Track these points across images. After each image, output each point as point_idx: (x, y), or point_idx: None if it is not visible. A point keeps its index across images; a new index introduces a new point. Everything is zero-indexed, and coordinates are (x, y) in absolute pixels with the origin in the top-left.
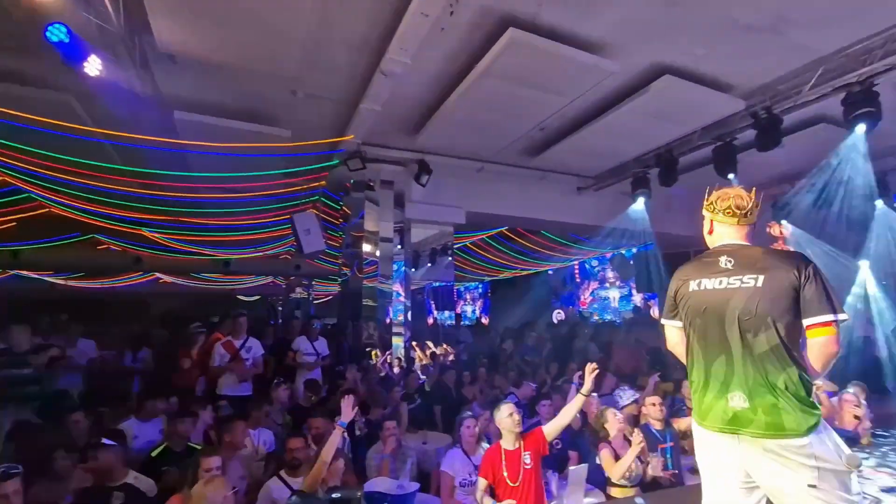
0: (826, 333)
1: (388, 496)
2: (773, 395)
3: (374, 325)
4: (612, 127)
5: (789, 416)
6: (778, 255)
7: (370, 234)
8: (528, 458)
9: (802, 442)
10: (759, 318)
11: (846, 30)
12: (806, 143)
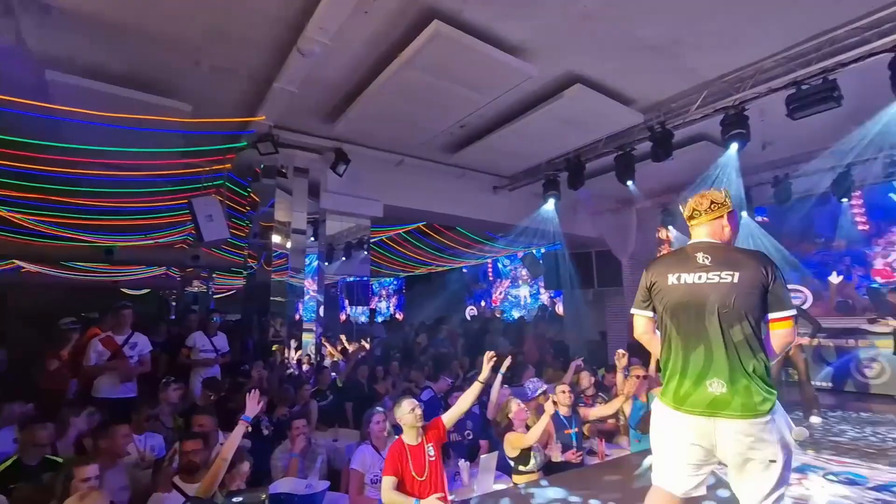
0: (787, 326)
1: (295, 496)
2: (747, 380)
3: (283, 321)
4: (527, 130)
5: (759, 397)
6: (746, 254)
7: (281, 225)
8: (431, 451)
9: (767, 419)
10: (735, 310)
11: (726, 58)
12: (691, 157)
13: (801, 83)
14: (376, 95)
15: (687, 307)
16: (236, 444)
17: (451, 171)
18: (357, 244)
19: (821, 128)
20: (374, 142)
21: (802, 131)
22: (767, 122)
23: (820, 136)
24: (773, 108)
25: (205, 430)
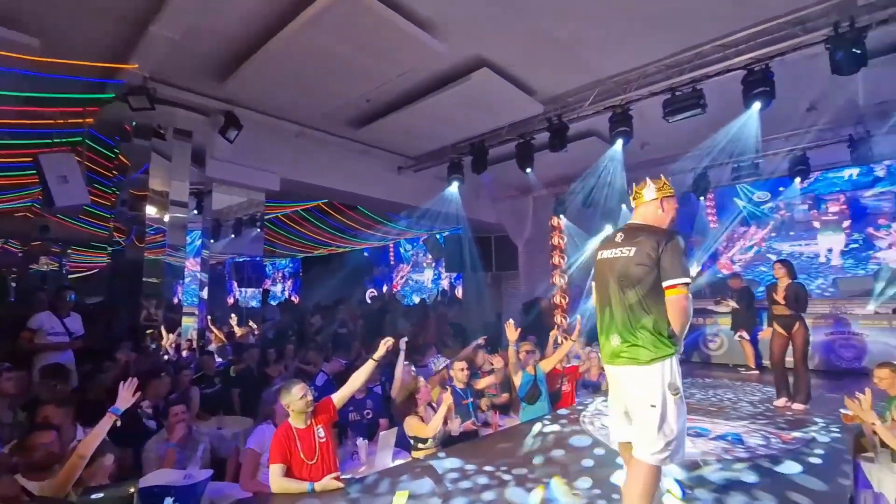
0: (676, 293)
1: (172, 489)
2: (634, 336)
3: (159, 304)
4: (434, 110)
5: (644, 350)
6: (649, 231)
7: (157, 195)
8: (321, 432)
9: (649, 368)
10: (629, 278)
11: (617, 60)
12: (582, 151)
13: (675, 90)
14: (274, 55)
15: (601, 277)
16: (98, 440)
17: (355, 147)
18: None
19: (687, 132)
20: (270, 108)
21: (673, 134)
22: (646, 123)
23: (686, 139)
24: (652, 111)
25: (51, 422)
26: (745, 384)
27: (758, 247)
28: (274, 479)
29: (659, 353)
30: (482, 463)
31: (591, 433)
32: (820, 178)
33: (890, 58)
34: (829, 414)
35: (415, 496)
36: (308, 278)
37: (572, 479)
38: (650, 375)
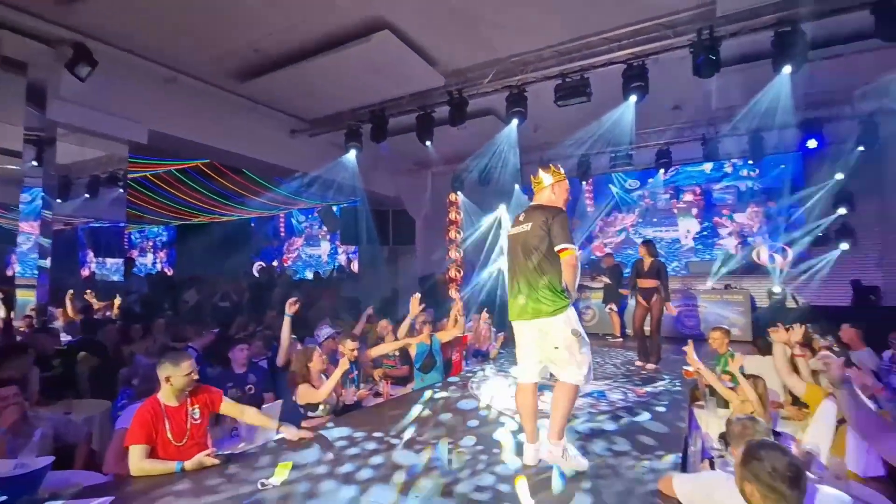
0: (566, 254)
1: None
2: (536, 294)
3: None
4: (331, 70)
5: (544, 304)
6: (542, 209)
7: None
8: (197, 413)
9: (551, 320)
10: (528, 247)
11: (517, 41)
12: (479, 129)
13: (566, 76)
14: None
15: (511, 250)
16: None
17: (241, 102)
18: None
19: (575, 119)
20: (136, 46)
21: (562, 120)
22: (539, 107)
23: (573, 126)
24: (545, 96)
25: None
26: (611, 350)
27: (626, 231)
28: (134, 461)
29: (557, 306)
30: (372, 430)
31: (479, 397)
32: (680, 170)
33: (738, 67)
34: (673, 372)
35: (300, 466)
36: (184, 249)
37: (458, 438)
38: (555, 324)
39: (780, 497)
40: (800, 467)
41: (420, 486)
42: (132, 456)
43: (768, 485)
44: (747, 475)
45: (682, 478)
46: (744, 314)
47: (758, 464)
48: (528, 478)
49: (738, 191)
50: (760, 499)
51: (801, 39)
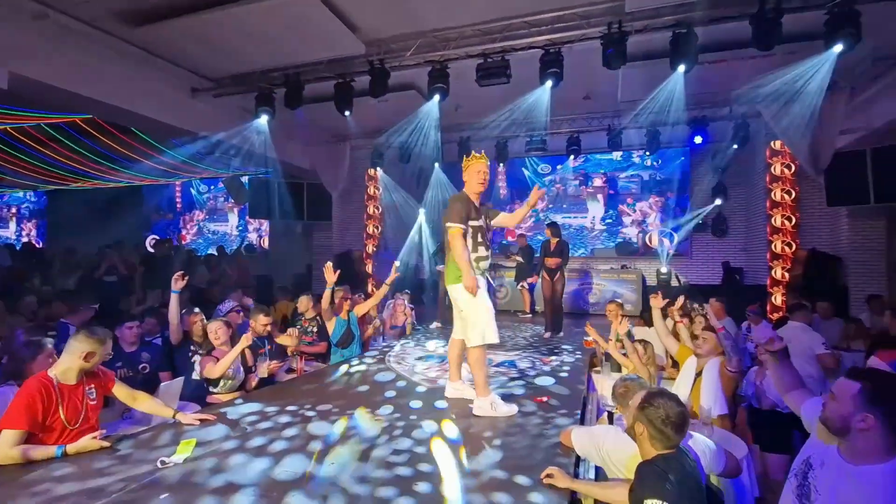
0: (448, 232)
1: None
2: (447, 264)
3: None
4: (242, 24)
5: (450, 274)
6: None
7: None
8: (93, 394)
9: (453, 287)
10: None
11: (441, 15)
12: (400, 104)
13: (488, 56)
14: None
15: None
16: None
17: (132, 51)
18: None
19: (494, 101)
20: None
21: (482, 100)
22: (461, 85)
23: (493, 108)
24: (466, 74)
25: None
26: (522, 324)
27: (538, 215)
28: (3, 447)
29: (455, 275)
30: (285, 404)
31: (396, 370)
32: (589, 158)
33: (642, 64)
34: (575, 342)
35: (205, 443)
36: (57, 219)
37: (375, 408)
38: (455, 291)
39: (666, 438)
40: (686, 416)
41: (336, 453)
42: (2, 441)
43: (658, 428)
44: (641, 418)
45: (579, 430)
46: (636, 291)
47: (653, 409)
48: (443, 439)
49: (642, 180)
50: (648, 439)
51: (693, 41)
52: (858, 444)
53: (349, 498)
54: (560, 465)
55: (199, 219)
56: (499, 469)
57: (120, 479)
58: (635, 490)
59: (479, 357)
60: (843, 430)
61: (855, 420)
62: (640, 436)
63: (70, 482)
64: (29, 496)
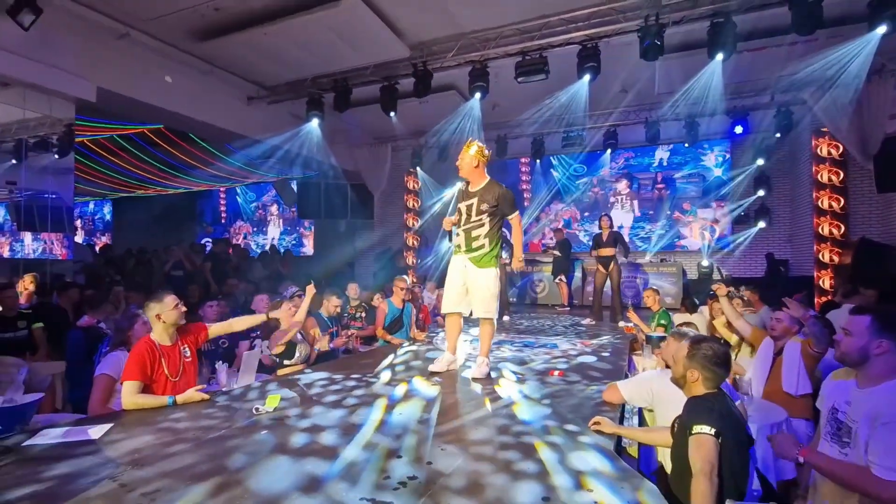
0: (515, 221)
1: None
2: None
3: None
4: (297, 34)
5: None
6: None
7: None
8: (187, 351)
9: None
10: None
11: (480, 17)
12: (441, 104)
13: (526, 54)
14: None
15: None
16: None
17: (197, 64)
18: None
19: (532, 98)
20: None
21: (520, 97)
22: (499, 84)
23: (530, 104)
24: (504, 73)
25: None
26: (560, 316)
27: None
28: (128, 396)
29: (488, 260)
30: (348, 373)
31: (444, 349)
32: (633, 160)
33: (679, 55)
34: (615, 330)
35: (287, 398)
36: (121, 224)
37: (429, 377)
38: (486, 275)
39: (716, 376)
40: (728, 354)
41: (402, 407)
42: (126, 390)
43: (709, 368)
44: (692, 362)
45: (624, 381)
46: (676, 284)
47: (701, 351)
48: (496, 399)
49: (704, 180)
50: (701, 381)
51: (731, 30)
52: (875, 369)
53: (420, 437)
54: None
55: (244, 231)
56: (549, 420)
57: (223, 421)
58: (682, 421)
59: (486, 329)
60: (861, 360)
61: (872, 347)
62: (690, 382)
63: (185, 422)
64: (157, 431)
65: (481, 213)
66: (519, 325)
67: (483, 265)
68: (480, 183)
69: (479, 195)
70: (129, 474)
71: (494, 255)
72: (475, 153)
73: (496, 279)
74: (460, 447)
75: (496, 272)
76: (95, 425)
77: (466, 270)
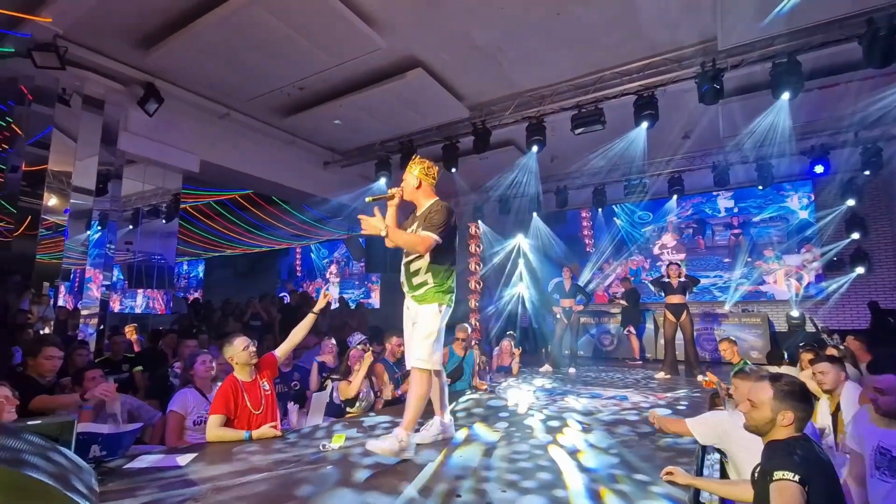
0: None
1: (99, 436)
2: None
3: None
4: (366, 105)
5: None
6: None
7: (58, 176)
8: (266, 385)
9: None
10: None
11: (534, 75)
12: (499, 159)
13: (581, 107)
14: (210, 29)
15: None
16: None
17: (281, 136)
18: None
19: (590, 148)
20: (195, 84)
21: (577, 149)
22: (556, 137)
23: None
24: (561, 126)
25: None
26: (631, 369)
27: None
28: (210, 429)
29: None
30: None
31: (505, 399)
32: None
33: (742, 97)
34: (691, 384)
35: (351, 438)
36: (210, 281)
37: (491, 423)
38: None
39: (806, 415)
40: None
41: (462, 449)
42: (210, 424)
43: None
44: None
45: (692, 419)
46: (762, 336)
47: (787, 387)
48: (559, 446)
49: (788, 223)
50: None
51: (797, 69)
52: None
53: (479, 478)
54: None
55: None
56: (617, 469)
57: (294, 455)
58: (763, 468)
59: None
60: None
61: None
62: (782, 425)
63: (257, 455)
64: (234, 461)
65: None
66: (586, 377)
67: (424, 301)
68: (424, 205)
69: (420, 219)
70: (210, 498)
71: (442, 290)
72: (418, 173)
73: (435, 316)
74: (520, 491)
75: (438, 309)
76: (182, 454)
77: (409, 312)
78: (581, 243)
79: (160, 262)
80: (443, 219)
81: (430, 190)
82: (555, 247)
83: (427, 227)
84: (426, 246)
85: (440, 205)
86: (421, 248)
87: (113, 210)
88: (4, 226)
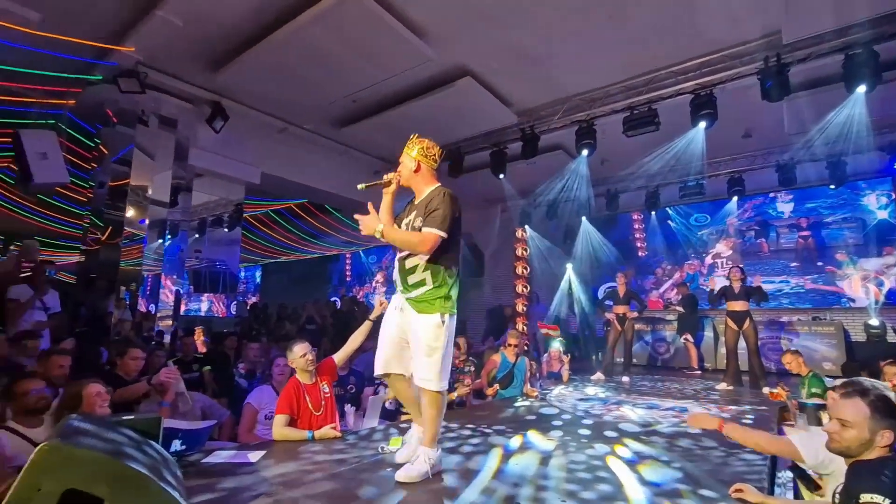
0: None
1: (180, 431)
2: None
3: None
4: (417, 114)
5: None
6: None
7: (136, 190)
8: (325, 388)
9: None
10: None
11: (584, 79)
12: (548, 164)
13: (634, 108)
14: (273, 49)
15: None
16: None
17: (335, 147)
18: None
19: (643, 150)
20: (257, 101)
21: (629, 150)
22: (607, 140)
23: (641, 156)
24: (611, 129)
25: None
26: (690, 379)
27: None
28: (276, 427)
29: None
30: (464, 423)
31: (559, 407)
32: (767, 206)
33: (809, 92)
34: (757, 397)
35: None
36: (267, 286)
37: (545, 431)
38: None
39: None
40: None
41: (518, 458)
42: (275, 423)
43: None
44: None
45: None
46: (836, 346)
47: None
48: (618, 458)
49: (864, 224)
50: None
51: (873, 60)
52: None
53: (537, 487)
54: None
55: (367, 290)
56: (681, 483)
57: (354, 456)
58: (847, 489)
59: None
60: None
61: None
62: (880, 446)
63: (321, 455)
64: (300, 460)
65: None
66: (641, 386)
67: (423, 310)
68: (424, 192)
69: (419, 209)
70: (281, 494)
71: (441, 295)
72: (416, 153)
73: (439, 329)
74: (579, 501)
75: (441, 319)
76: (253, 451)
77: (403, 314)
78: (632, 247)
79: (223, 269)
80: (447, 211)
81: (430, 174)
82: (605, 251)
83: (429, 223)
84: (429, 246)
85: (443, 192)
86: (422, 249)
87: (183, 220)
88: (92, 236)
